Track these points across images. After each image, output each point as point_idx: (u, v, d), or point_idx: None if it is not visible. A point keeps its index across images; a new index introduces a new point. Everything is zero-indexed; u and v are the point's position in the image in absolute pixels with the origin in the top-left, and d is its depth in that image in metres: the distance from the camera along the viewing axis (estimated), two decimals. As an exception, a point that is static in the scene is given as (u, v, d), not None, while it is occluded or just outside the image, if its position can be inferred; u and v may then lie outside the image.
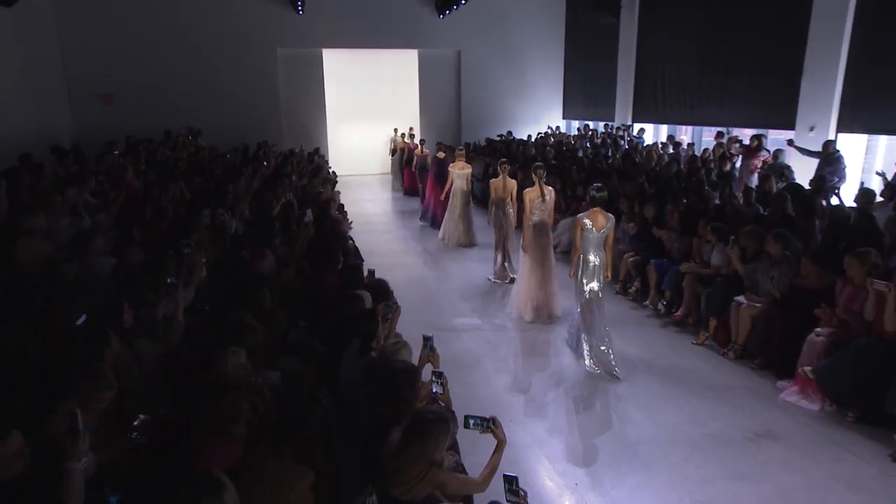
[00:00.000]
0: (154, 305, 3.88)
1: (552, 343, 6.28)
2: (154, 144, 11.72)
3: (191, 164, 10.93)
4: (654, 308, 7.06)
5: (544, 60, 19.66)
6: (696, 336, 6.30)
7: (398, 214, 13.36)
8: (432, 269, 9.05)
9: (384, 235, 11.07)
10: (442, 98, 19.16)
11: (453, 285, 8.29)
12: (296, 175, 11.33)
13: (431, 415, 2.69)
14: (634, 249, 7.68)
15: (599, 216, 5.73)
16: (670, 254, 7.07)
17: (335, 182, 12.70)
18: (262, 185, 10.23)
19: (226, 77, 16.76)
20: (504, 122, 19.19)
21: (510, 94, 19.52)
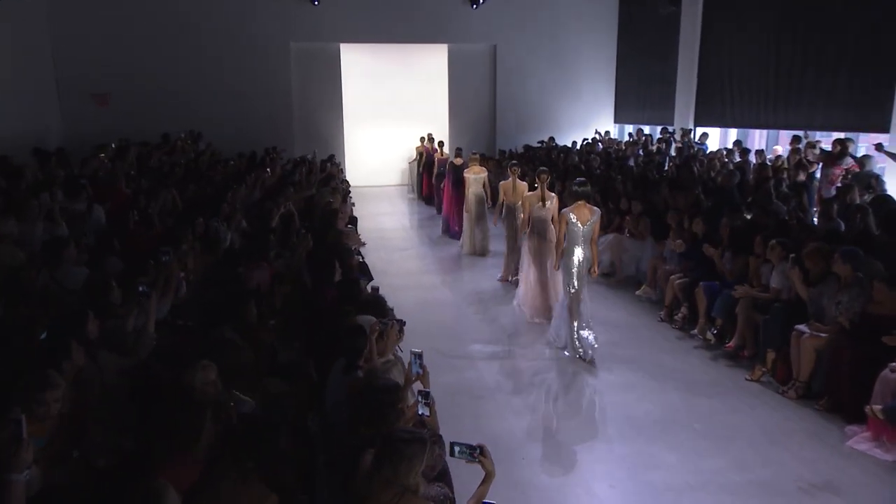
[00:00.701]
0: (123, 316, 4.11)
1: (579, 374, 6.31)
2: (149, 148, 12.26)
3: (188, 171, 11.39)
4: (702, 338, 7.02)
5: (593, 56, 19.83)
6: (750, 371, 6.24)
7: (418, 230, 13.64)
8: (450, 291, 9.23)
9: (400, 253, 11.30)
10: (474, 100, 19.49)
11: (472, 308, 8.44)
12: (304, 184, 11.70)
13: (406, 434, 2.80)
14: (682, 270, 7.67)
15: (584, 210, 6.62)
16: (723, 275, 7.04)
17: (347, 192, 13.01)
18: (264, 194, 10.60)
19: (233, 75, 17.44)
20: (546, 127, 19.37)
21: (553, 95, 19.72)
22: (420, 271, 10.24)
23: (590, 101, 20.10)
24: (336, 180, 12.81)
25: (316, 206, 10.16)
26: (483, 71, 19.51)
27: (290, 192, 10.33)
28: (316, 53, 18.41)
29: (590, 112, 20.10)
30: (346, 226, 10.16)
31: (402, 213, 15.55)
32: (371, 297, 5.29)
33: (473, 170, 11.33)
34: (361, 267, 8.11)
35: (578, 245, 6.62)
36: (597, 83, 20.06)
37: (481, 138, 19.36)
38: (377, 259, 10.76)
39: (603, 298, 8.71)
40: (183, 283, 5.38)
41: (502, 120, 19.57)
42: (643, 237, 9.15)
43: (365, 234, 12.31)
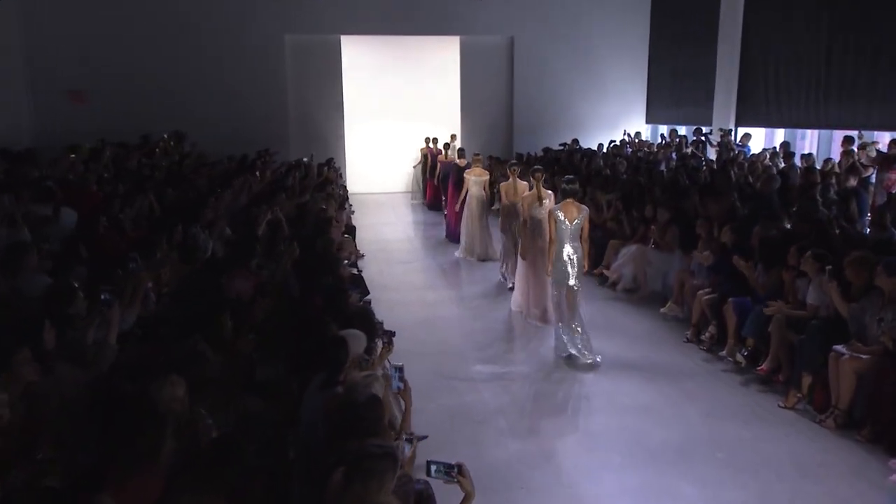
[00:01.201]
0: (84, 326, 4.26)
1: (589, 397, 6.36)
2: (127, 150, 12.54)
3: (171, 174, 11.65)
4: (732, 360, 7.05)
5: (622, 49, 20.01)
6: (784, 397, 6.25)
7: (422, 241, 13.84)
8: (454, 307, 9.36)
9: (402, 266, 11.45)
10: (489, 98, 19.73)
11: (477, 326, 8.55)
12: (297, 190, 11.89)
13: (377, 449, 2.91)
14: (711, 285, 7.71)
15: (571, 208, 7.37)
16: (755, 290, 7.08)
17: (343, 199, 13.21)
18: (252, 199, 10.80)
19: (222, 72, 17.82)
20: (568, 128, 19.54)
21: (577, 93, 19.89)
22: (423, 286, 10.37)
23: (618, 99, 20.25)
24: (333, 186, 13.01)
25: (308, 213, 10.33)
26: (498, 66, 19.76)
27: (282, 198, 10.55)
28: (314, 47, 18.75)
29: (618, 111, 20.25)
30: (343, 235, 10.34)
31: (407, 223, 15.71)
32: (358, 308, 5.41)
33: (475, 171, 11.83)
34: (355, 279, 8.26)
35: (566, 243, 7.35)
36: (626, 79, 20.21)
37: (496, 140, 19.56)
38: (376, 272, 10.92)
39: (623, 315, 8.77)
40: (152, 294, 5.52)
41: (520, 120, 19.80)
42: (670, 249, 9.20)
43: (364, 245, 12.49)
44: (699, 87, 17.77)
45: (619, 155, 16.02)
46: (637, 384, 6.69)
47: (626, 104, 20.39)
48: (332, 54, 18.92)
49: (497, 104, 19.90)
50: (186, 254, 7.17)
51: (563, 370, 7.02)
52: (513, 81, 19.77)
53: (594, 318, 8.69)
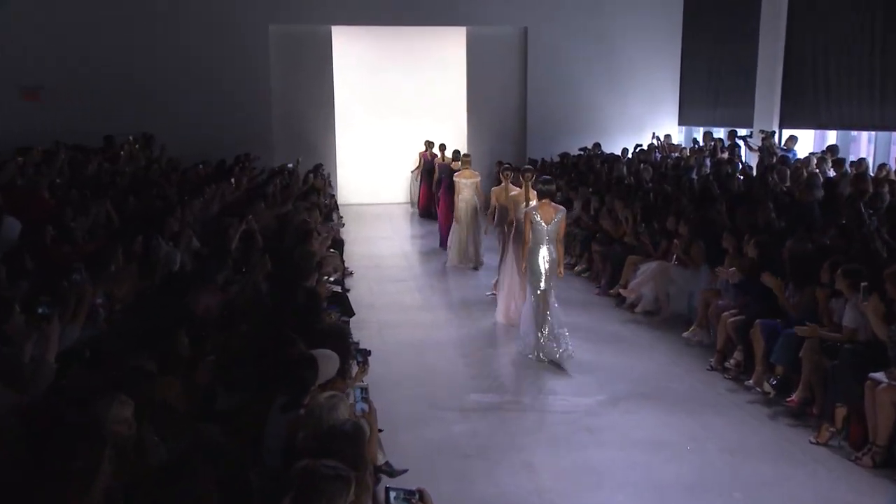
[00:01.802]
0: (20, 342, 4.41)
1: (595, 431, 6.45)
2: (87, 153, 12.78)
3: (136, 180, 11.88)
4: (760, 390, 7.11)
5: (652, 42, 20.16)
6: (817, 432, 6.32)
7: (420, 256, 14.05)
8: (452, 329, 9.52)
9: (395, 285, 11.62)
10: (499, 97, 19.93)
11: (473, 350, 8.73)
12: (278, 199, 12.09)
13: (328, 470, 3.05)
14: (738, 306, 7.79)
15: (548, 209, 8.22)
16: (786, 312, 7.16)
17: (330, 209, 13.40)
18: (224, 209, 11.00)
19: (198, 67, 18.04)
20: (589, 131, 19.69)
21: (599, 91, 20.06)
22: (416, 306, 10.54)
23: (646, 99, 20.38)
24: (319, 195, 13.19)
25: (289, 224, 10.51)
26: (510, 60, 19.97)
27: (260, 208, 10.75)
28: (301, 39, 19.03)
29: (646, 112, 20.36)
30: (329, 250, 10.51)
31: (403, 237, 15.91)
32: (331, 327, 5.55)
33: (464, 174, 12.43)
34: (337, 298, 8.43)
35: (543, 244, 8.20)
36: (656, 76, 20.35)
37: (508, 145, 19.73)
38: (365, 291, 11.11)
39: (641, 340, 8.88)
40: (101, 311, 5.68)
41: (534, 122, 19.96)
42: (696, 265, 9.30)
43: (354, 262, 12.71)
44: (739, 85, 17.84)
45: (645, 161, 16.14)
46: (651, 416, 6.77)
47: (656, 104, 20.48)
48: (321, 47, 19.15)
49: (508, 104, 20.07)
50: (147, 267, 7.33)
51: (568, 400, 7.11)
52: (526, 78, 19.92)
53: (608, 343, 8.83)
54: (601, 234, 11.52)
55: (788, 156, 14.90)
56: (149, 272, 7.33)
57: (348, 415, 4.04)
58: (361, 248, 14.23)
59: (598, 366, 8.08)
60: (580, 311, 10.03)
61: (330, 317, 6.90)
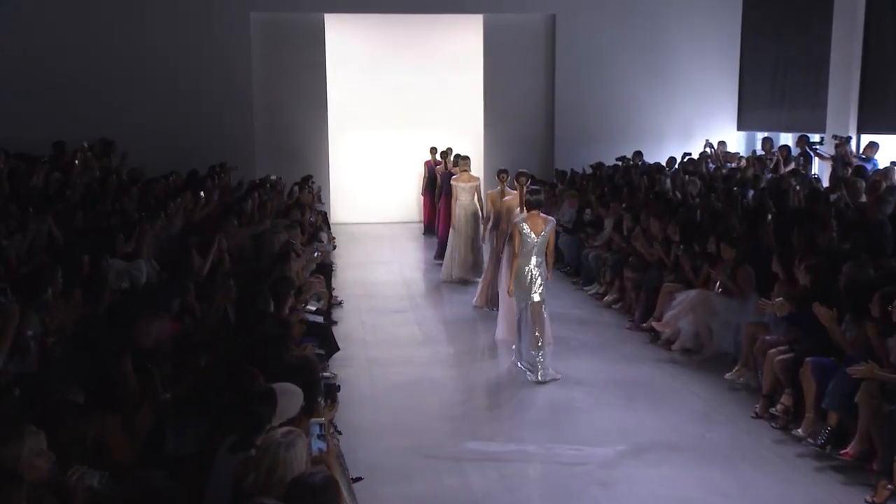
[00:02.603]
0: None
1: (610, 485, 6.53)
2: (33, 163, 13.03)
3: (89, 193, 12.15)
4: (811, 441, 7.16)
5: (706, 34, 20.34)
6: (874, 490, 6.35)
7: (424, 284, 14.30)
8: (451, 367, 9.73)
9: (391, 317, 11.81)
10: (523, 97, 20.13)
11: (477, 391, 8.94)
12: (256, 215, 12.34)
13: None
14: (788, 342, 7.85)
15: (538, 220, 9.14)
16: (841, 348, 7.21)
17: (317, 228, 13.62)
18: (190, 226, 11.24)
19: (166, 62, 18.36)
20: (629, 138, 19.79)
21: (641, 91, 20.24)
22: (413, 341, 10.71)
23: (698, 100, 20.54)
24: (304, 211, 13.39)
25: (266, 244, 10.74)
26: (535, 54, 20.19)
27: (232, 225, 10.99)
28: (288, 29, 19.33)
29: (699, 114, 20.51)
30: (313, 277, 10.71)
31: (406, 262, 16.13)
32: (298, 359, 5.71)
33: (462, 177, 13.18)
34: (317, 330, 8.59)
35: (532, 257, 9.12)
36: (710, 73, 20.52)
37: (532, 154, 19.94)
38: (356, 324, 11.33)
39: (676, 383, 8.96)
40: (32, 344, 5.88)
41: (563, 127, 20.16)
42: (743, 294, 9.36)
43: (346, 289, 13.00)
44: (809, 83, 17.90)
45: (692, 172, 16.24)
46: (679, 470, 6.84)
47: (710, 105, 20.61)
48: (312, 39, 19.41)
49: (532, 106, 20.25)
50: (94, 291, 7.54)
51: (581, 450, 7.19)
52: (554, 75, 20.10)
53: (637, 385, 8.92)
54: (634, 258, 11.61)
55: (866, 166, 14.85)
56: (96, 298, 7.55)
57: (306, 453, 4.17)
58: (354, 273, 14.41)
59: (623, 410, 8.19)
60: (608, 348, 10.20)
61: (305, 349, 7.07)
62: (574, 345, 10.29)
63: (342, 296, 12.54)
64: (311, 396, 5.33)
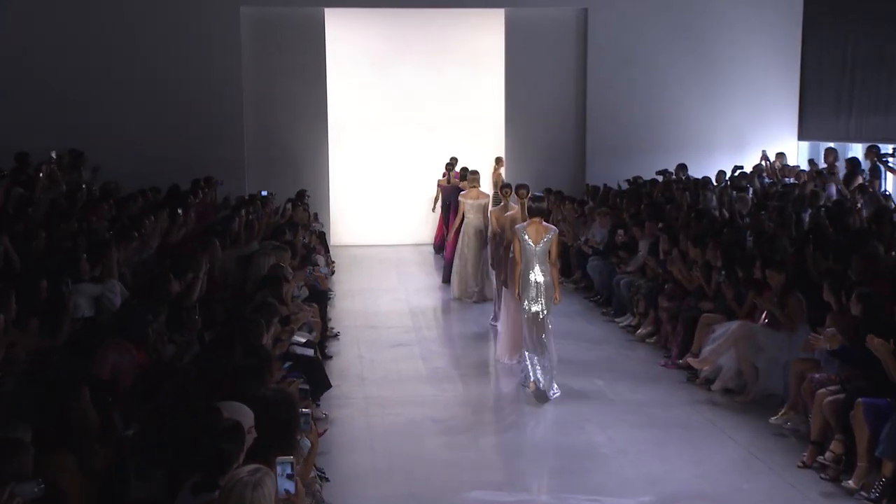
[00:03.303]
0: None
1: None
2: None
3: (55, 210, 12.34)
4: (864, 494, 7.16)
5: (761, 30, 20.47)
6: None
7: (433, 314, 14.52)
8: (457, 406, 9.85)
9: (394, 350, 11.97)
10: (550, 102, 20.30)
11: (484, 433, 9.08)
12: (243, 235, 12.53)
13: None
14: (840, 381, 7.88)
15: (538, 228, 10.01)
16: None
17: (309, 250, 13.77)
18: (168, 247, 11.42)
19: (145, 63, 18.62)
20: (672, 149, 19.95)
21: (687, 95, 20.36)
22: (417, 377, 10.86)
23: (754, 104, 20.65)
24: (296, 230, 13.50)
25: (253, 267, 10.91)
26: (564, 53, 20.37)
27: (214, 247, 11.16)
28: (284, 25, 19.57)
29: (753, 122, 20.61)
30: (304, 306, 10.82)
31: (414, 289, 16.28)
32: (275, 393, 5.83)
33: (471, 194, 14.02)
34: (305, 364, 8.73)
35: (534, 265, 9.95)
36: (766, 75, 20.63)
37: (560, 166, 20.16)
38: (353, 359, 11.53)
39: (714, 428, 9.01)
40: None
41: (596, 136, 20.29)
42: (792, 325, 9.40)
43: (343, 320, 13.21)
44: (881, 87, 17.87)
45: (742, 187, 16.27)
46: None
47: (766, 112, 20.71)
48: (310, 37, 19.61)
49: (561, 112, 20.40)
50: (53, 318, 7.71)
51: (601, 501, 7.27)
52: (585, 78, 20.24)
53: (670, 428, 8.98)
54: (671, 286, 11.69)
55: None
56: (55, 327, 7.70)
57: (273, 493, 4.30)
58: (354, 302, 14.62)
59: (651, 458, 8.26)
60: (637, 388, 10.26)
61: (290, 384, 7.20)
62: (599, 384, 10.38)
63: (339, 327, 12.71)
64: (288, 435, 5.47)
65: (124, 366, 6.37)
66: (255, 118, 19.63)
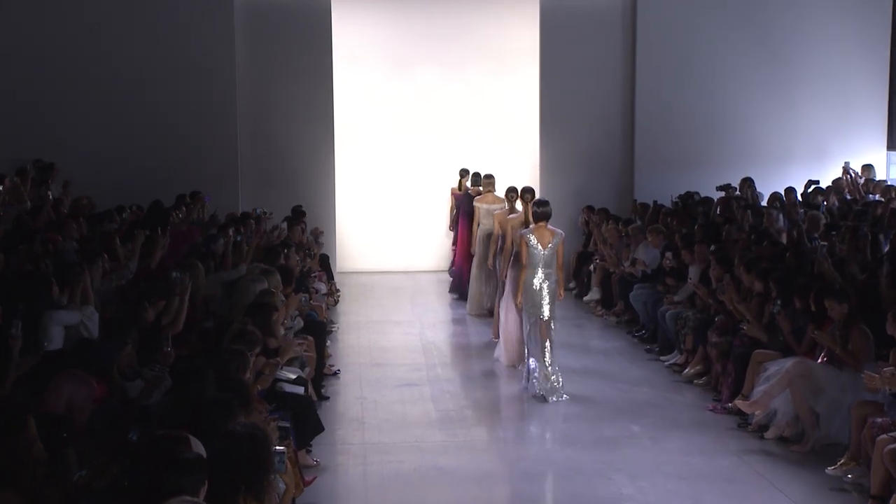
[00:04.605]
0: None
1: None
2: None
3: (18, 229, 12.67)
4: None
5: (844, 24, 20.53)
6: None
7: (448, 350, 14.81)
8: (466, 453, 10.03)
9: (401, 391, 12.20)
10: (591, 105, 20.36)
11: (497, 485, 9.27)
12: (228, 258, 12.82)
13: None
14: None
15: (545, 232, 11.68)
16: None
17: (306, 274, 14.02)
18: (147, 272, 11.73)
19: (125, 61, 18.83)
20: (736, 161, 20.02)
21: (754, 98, 20.43)
22: (424, 421, 11.06)
23: (834, 110, 20.66)
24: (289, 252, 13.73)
25: (239, 295, 11.20)
26: (609, 50, 20.46)
27: (198, 271, 11.46)
28: (284, 15, 19.71)
29: (834, 130, 20.64)
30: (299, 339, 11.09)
31: (429, 322, 16.56)
32: (245, 429, 6.08)
33: (486, 198, 15.28)
34: (292, 403, 9.01)
35: (539, 269, 11.61)
36: (850, 73, 20.66)
37: (605, 178, 20.27)
38: (353, 400, 11.82)
39: (760, 479, 9.17)
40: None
41: (645, 145, 20.35)
42: (857, 363, 9.49)
43: (345, 357, 13.62)
44: None
45: (815, 205, 16.35)
46: None
47: (850, 118, 20.70)
48: (315, 31, 19.75)
49: (605, 117, 20.41)
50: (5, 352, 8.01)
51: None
52: (634, 78, 20.29)
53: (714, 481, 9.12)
54: (722, 317, 11.79)
55: None
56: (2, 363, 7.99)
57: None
58: (360, 337, 14.92)
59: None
60: (680, 435, 10.42)
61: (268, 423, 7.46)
62: (635, 430, 10.58)
63: (340, 364, 13.03)
64: (259, 474, 5.72)
65: (81, 399, 6.57)
66: (251, 124, 19.75)
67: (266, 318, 9.65)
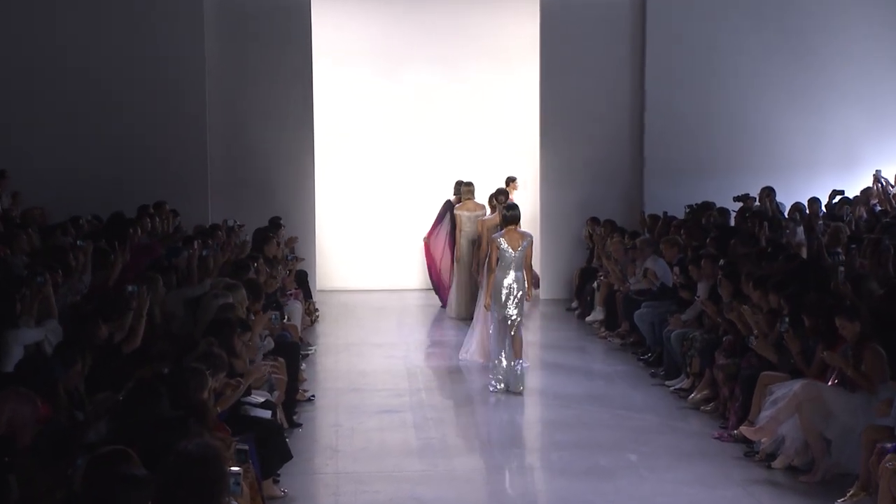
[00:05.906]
0: None
1: None
2: None
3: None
4: None
5: (874, 21, 20.79)
6: None
7: (434, 374, 14.98)
8: (448, 484, 10.19)
9: (380, 418, 12.39)
10: (596, 107, 20.52)
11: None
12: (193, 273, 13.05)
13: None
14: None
15: (515, 235, 13.39)
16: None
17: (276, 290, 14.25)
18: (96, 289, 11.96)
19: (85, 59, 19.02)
20: (754, 170, 20.18)
21: (775, 101, 20.62)
22: (403, 450, 11.23)
23: (863, 114, 20.87)
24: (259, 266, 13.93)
25: (204, 312, 11.44)
26: (616, 48, 20.66)
27: (157, 284, 11.70)
28: (259, 10, 19.91)
29: (862, 136, 20.82)
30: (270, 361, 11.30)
31: (414, 343, 16.81)
32: (197, 448, 6.32)
33: (467, 205, 16.79)
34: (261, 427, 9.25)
35: (510, 272, 13.30)
36: (882, 73, 20.88)
37: (612, 186, 20.44)
38: (328, 427, 12.04)
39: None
40: None
41: (656, 151, 20.50)
42: (871, 385, 9.64)
43: (321, 381, 13.88)
44: None
45: (839, 217, 16.49)
46: None
47: (882, 123, 20.90)
48: (293, 24, 19.88)
49: (612, 120, 20.54)
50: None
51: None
52: (643, 78, 20.44)
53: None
54: (729, 338, 11.96)
55: None
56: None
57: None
58: (338, 360, 15.16)
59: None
60: (682, 465, 10.55)
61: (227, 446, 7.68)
62: (632, 459, 10.71)
63: (316, 389, 13.22)
64: (212, 496, 5.94)
65: (25, 419, 6.70)
66: (223, 128, 19.89)
67: (228, 335, 9.85)
